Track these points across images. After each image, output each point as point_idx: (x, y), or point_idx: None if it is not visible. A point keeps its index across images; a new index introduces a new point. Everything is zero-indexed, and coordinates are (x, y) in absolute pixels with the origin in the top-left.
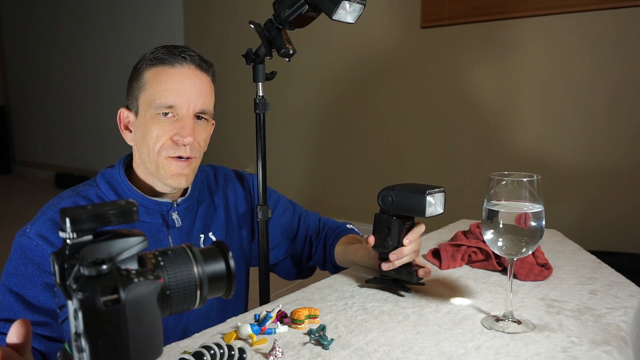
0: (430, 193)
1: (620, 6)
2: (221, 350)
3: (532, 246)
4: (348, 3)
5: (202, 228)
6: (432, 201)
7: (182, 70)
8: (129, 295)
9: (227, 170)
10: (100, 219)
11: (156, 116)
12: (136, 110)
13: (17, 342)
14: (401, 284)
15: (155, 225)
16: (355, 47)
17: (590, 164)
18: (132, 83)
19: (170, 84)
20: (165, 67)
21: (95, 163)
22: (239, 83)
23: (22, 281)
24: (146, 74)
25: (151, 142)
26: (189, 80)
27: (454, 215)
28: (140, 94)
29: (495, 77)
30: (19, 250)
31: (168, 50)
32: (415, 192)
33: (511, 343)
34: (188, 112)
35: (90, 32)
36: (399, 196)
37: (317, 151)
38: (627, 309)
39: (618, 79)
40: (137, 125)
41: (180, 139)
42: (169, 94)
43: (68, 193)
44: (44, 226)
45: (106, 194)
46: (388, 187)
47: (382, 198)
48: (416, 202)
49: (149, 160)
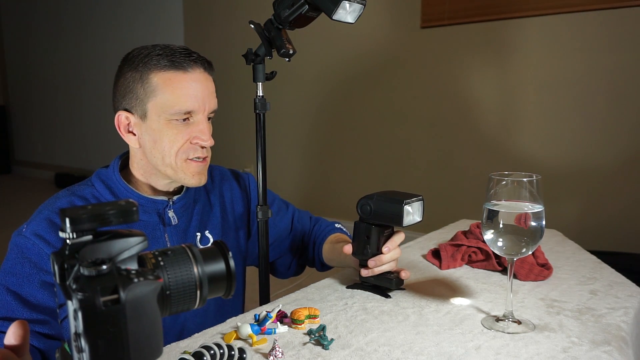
0: (408, 202)
1: (620, 6)
2: (221, 351)
3: (532, 246)
4: (348, 3)
5: (199, 226)
6: (410, 210)
7: (194, 74)
8: (129, 295)
9: (223, 169)
10: (100, 219)
11: (171, 121)
12: (142, 114)
13: (15, 344)
14: (381, 290)
15: (152, 223)
16: (355, 47)
17: (590, 164)
18: (132, 86)
19: (187, 90)
20: (178, 72)
21: (95, 163)
22: (239, 83)
23: (19, 280)
24: (154, 79)
25: (166, 146)
26: (202, 84)
27: (454, 215)
28: (149, 99)
29: (495, 77)
30: (16, 250)
31: (172, 54)
32: (393, 202)
33: (511, 343)
34: (204, 116)
35: (90, 32)
36: (378, 205)
37: (317, 151)
38: (628, 309)
39: (618, 78)
40: (143, 129)
41: (200, 142)
42: (188, 100)
43: (64, 193)
44: (40, 225)
45: (102, 194)
46: (367, 195)
47: (361, 207)
48: (394, 211)
49: (164, 163)
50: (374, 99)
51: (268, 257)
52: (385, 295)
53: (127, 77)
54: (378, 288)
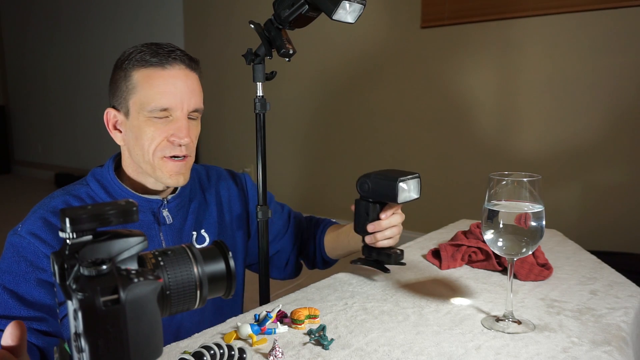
0: (403, 180)
1: (620, 6)
2: (221, 351)
3: (532, 246)
4: (348, 3)
5: (194, 225)
6: (405, 187)
7: (172, 71)
8: (129, 295)
9: (220, 169)
10: (100, 219)
11: (150, 118)
12: (126, 111)
13: (12, 344)
14: (382, 265)
15: (147, 222)
16: (355, 47)
17: (590, 164)
18: (119, 83)
19: (164, 87)
20: (156, 69)
21: (94, 163)
22: (239, 83)
23: (15, 278)
24: (135, 76)
25: (145, 143)
26: (181, 81)
27: (454, 215)
28: (130, 96)
29: (495, 77)
30: (11, 249)
31: (155, 51)
32: (388, 179)
33: (511, 343)
34: (182, 113)
35: (89, 32)
36: (374, 183)
37: (317, 151)
38: (628, 309)
39: (618, 78)
40: (127, 126)
41: (177, 139)
42: (163, 97)
43: (59, 192)
44: (35, 224)
45: (97, 193)
46: (365, 174)
47: (360, 185)
48: (389, 189)
49: (144, 161)
50: (374, 98)
51: (268, 257)
52: (385, 269)
53: (115, 76)
54: (379, 263)
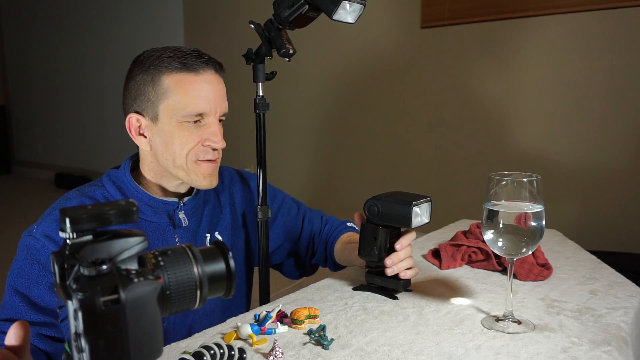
0: (417, 204)
1: (620, 6)
2: (221, 350)
3: (532, 246)
4: (348, 3)
5: (209, 227)
6: (419, 211)
7: (205, 76)
8: (129, 295)
9: (232, 171)
10: (100, 219)
11: (182, 123)
12: (154, 116)
13: (16, 345)
14: (388, 292)
15: (162, 224)
16: (355, 47)
17: (590, 164)
18: (144, 88)
19: (199, 91)
20: (190, 74)
21: (95, 163)
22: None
23: (27, 281)
24: (166, 81)
25: (177, 148)
26: (213, 86)
27: (454, 215)
28: (160, 101)
29: (495, 77)
30: (25, 250)
31: (183, 55)
32: (401, 203)
33: (511, 343)
34: (215, 118)
35: (90, 32)
36: (385, 206)
37: (318, 151)
38: (627, 309)
39: (617, 78)
40: (155, 131)
41: (212, 144)
42: (200, 102)
43: (74, 194)
44: (50, 226)
45: (113, 195)
46: (374, 197)
47: (368, 208)
48: (402, 213)
49: (176, 166)
50: (374, 98)
51: (268, 257)
52: (392, 297)
53: (138, 80)
54: (385, 290)
